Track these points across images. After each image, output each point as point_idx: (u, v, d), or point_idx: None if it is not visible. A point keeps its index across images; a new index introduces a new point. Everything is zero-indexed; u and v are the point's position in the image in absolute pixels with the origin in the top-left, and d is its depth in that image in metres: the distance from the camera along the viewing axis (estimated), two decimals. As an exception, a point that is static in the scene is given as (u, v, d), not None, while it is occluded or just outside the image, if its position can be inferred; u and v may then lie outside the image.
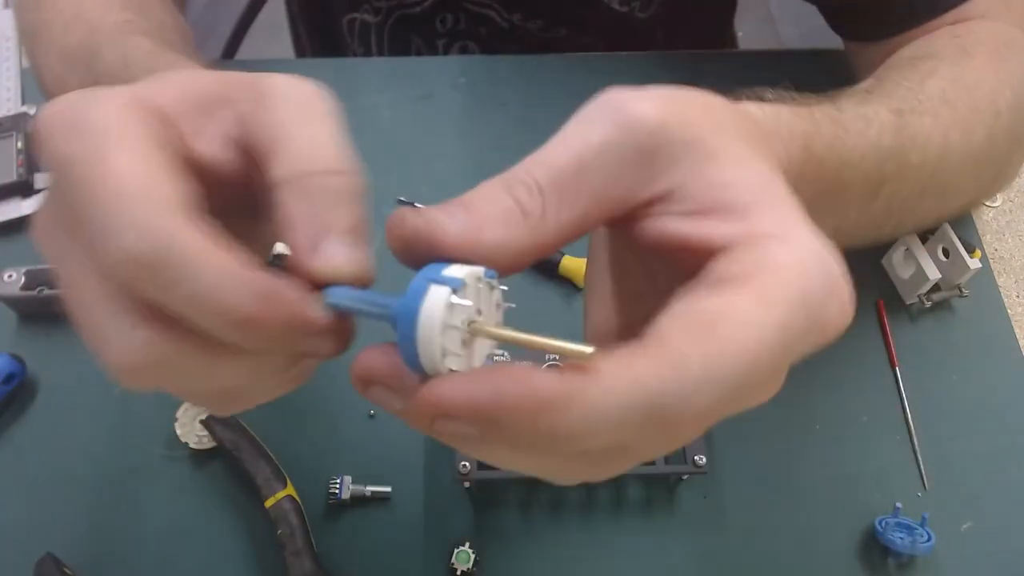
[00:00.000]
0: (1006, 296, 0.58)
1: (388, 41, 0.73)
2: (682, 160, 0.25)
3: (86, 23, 0.45)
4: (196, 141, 0.25)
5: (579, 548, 0.48)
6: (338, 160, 0.25)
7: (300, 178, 0.24)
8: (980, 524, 0.49)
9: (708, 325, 0.22)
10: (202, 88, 0.26)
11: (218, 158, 0.26)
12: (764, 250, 0.23)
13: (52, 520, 0.48)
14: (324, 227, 0.24)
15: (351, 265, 0.24)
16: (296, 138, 0.25)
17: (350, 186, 0.25)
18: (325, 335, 0.24)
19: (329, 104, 0.27)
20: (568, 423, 0.21)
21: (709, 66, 0.68)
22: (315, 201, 0.24)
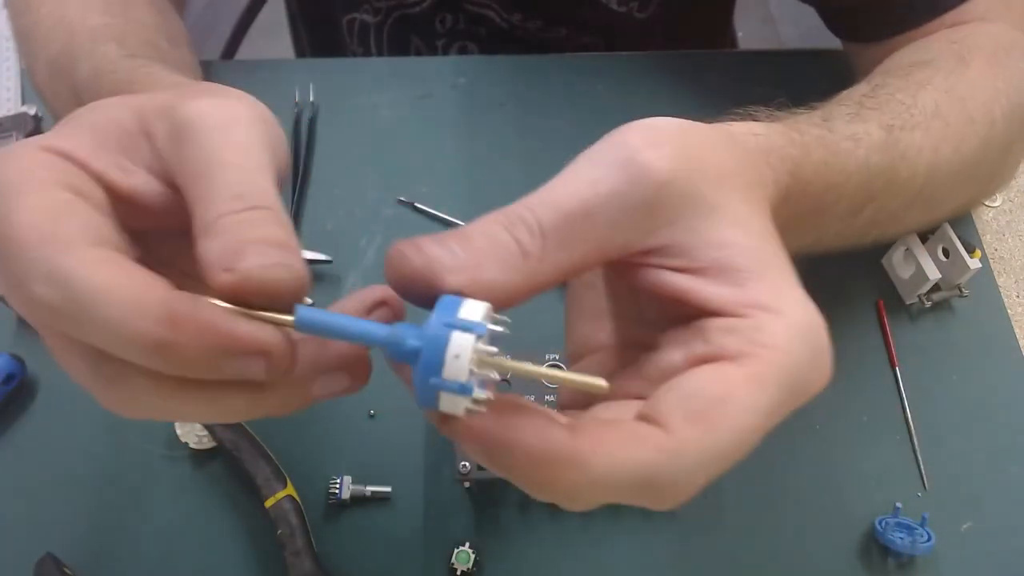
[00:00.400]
0: (1006, 296, 0.58)
1: (388, 41, 0.73)
2: (683, 215, 0.26)
3: (66, 29, 0.45)
4: (117, 176, 0.25)
5: (579, 548, 0.48)
6: (253, 196, 0.24)
7: (214, 222, 0.23)
8: (980, 524, 0.49)
9: (707, 411, 0.24)
10: (118, 124, 0.26)
11: (141, 190, 0.26)
12: (758, 326, 0.25)
13: (52, 520, 0.48)
14: (240, 245, 0.23)
15: (272, 270, 0.23)
16: (208, 178, 0.24)
17: (266, 217, 0.24)
18: (262, 355, 0.22)
19: (251, 123, 0.26)
20: (566, 481, 0.23)
21: (709, 66, 0.68)
22: (228, 234, 0.23)
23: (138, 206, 0.26)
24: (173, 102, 0.26)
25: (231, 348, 0.22)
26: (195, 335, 0.22)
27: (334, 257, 0.56)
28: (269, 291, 0.23)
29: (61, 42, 0.45)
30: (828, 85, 0.70)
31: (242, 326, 0.22)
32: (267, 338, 0.22)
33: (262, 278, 0.22)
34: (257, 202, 0.24)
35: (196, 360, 0.22)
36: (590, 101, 0.66)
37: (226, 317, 0.22)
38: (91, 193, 0.25)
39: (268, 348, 0.22)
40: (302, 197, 0.60)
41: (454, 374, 0.23)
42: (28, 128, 0.61)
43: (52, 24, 0.46)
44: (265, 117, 0.28)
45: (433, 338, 0.23)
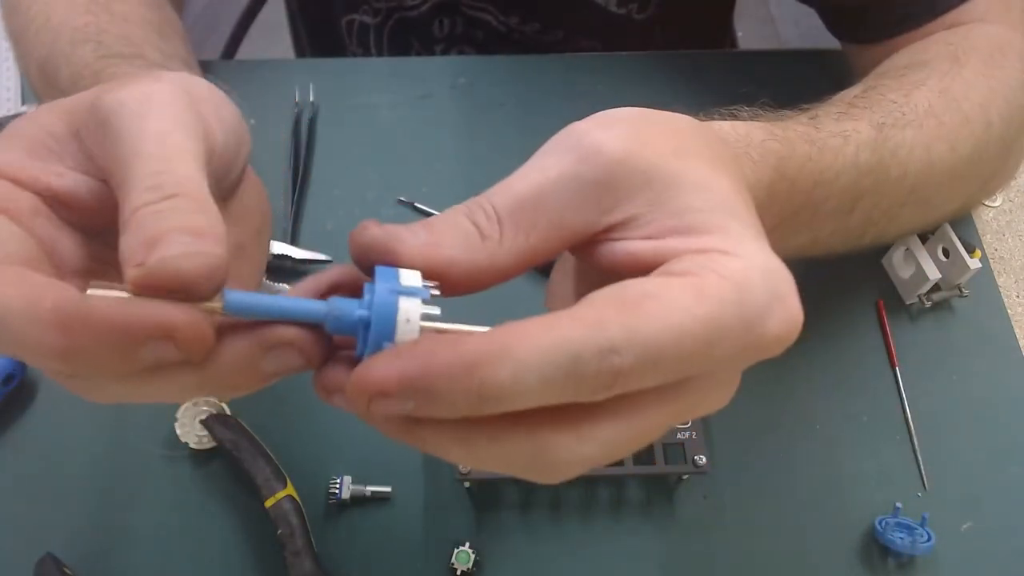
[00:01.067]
0: (1006, 296, 0.58)
1: (388, 43, 0.73)
2: (642, 190, 0.25)
3: (52, 31, 0.45)
4: (49, 181, 0.26)
5: (579, 548, 0.48)
6: (169, 185, 0.23)
7: (131, 216, 0.23)
8: (980, 524, 0.49)
9: (635, 300, 0.23)
10: (47, 130, 0.26)
11: (76, 191, 0.26)
12: (710, 258, 0.24)
13: (52, 520, 0.48)
14: (155, 237, 0.22)
15: (190, 259, 0.22)
16: (127, 171, 0.24)
17: (181, 205, 0.23)
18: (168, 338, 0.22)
19: (170, 105, 0.25)
20: (497, 378, 0.21)
21: (709, 66, 0.68)
22: (141, 227, 0.23)
23: (77, 207, 0.26)
24: (97, 96, 0.26)
25: (131, 339, 0.21)
26: (91, 336, 0.21)
27: (334, 257, 0.56)
28: (180, 281, 0.22)
29: (47, 46, 0.45)
30: (828, 85, 0.70)
31: (134, 315, 0.21)
32: (167, 319, 0.22)
33: (168, 268, 0.22)
34: (173, 190, 0.23)
35: (103, 358, 0.22)
36: (590, 101, 0.66)
37: (117, 310, 0.21)
38: (15, 203, 0.25)
39: (170, 330, 0.22)
40: (302, 197, 0.60)
41: (406, 336, 0.23)
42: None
43: (39, 26, 0.46)
44: (199, 97, 0.27)
45: (382, 304, 0.23)
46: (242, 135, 0.29)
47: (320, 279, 0.26)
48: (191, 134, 0.25)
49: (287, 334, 0.24)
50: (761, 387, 0.53)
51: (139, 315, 0.21)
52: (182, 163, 0.24)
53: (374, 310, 0.23)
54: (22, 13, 0.47)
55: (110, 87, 0.26)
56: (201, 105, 0.27)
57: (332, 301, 0.24)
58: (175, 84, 0.26)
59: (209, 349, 0.23)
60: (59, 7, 0.46)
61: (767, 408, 0.53)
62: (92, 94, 0.26)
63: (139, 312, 0.21)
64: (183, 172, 0.24)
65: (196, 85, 0.28)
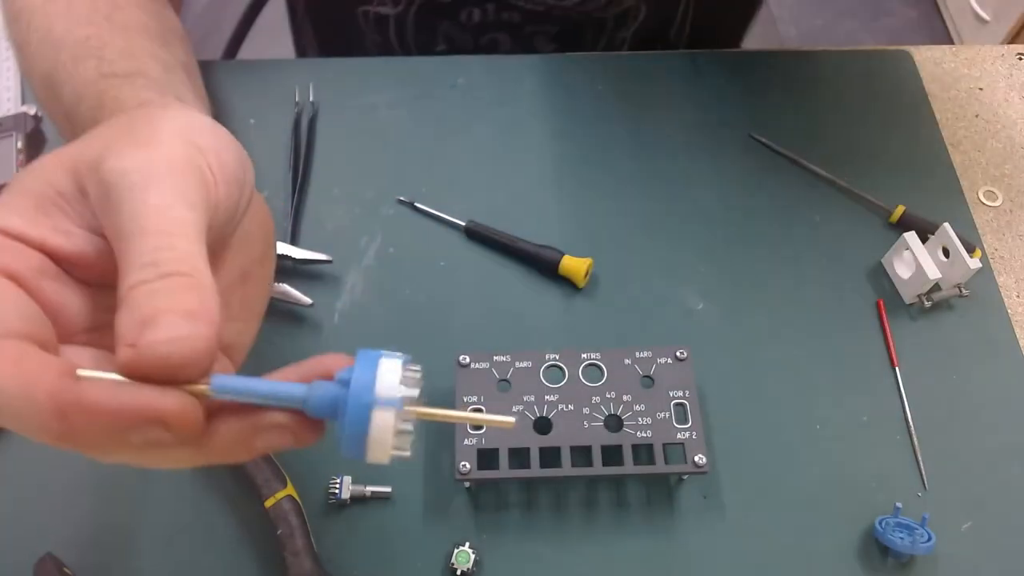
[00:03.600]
0: (1006, 296, 0.58)
1: (413, 30, 0.72)
2: None
3: (53, 45, 0.44)
4: (57, 241, 0.26)
5: (579, 548, 0.48)
6: (168, 262, 0.24)
7: (127, 293, 0.23)
8: (980, 524, 0.49)
9: None
10: (54, 187, 0.26)
11: (82, 251, 0.26)
12: None
13: (52, 520, 0.48)
14: (148, 318, 0.23)
15: (178, 344, 0.23)
16: (127, 246, 0.24)
17: (178, 285, 0.23)
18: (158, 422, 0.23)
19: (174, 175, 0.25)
20: None
21: (709, 66, 0.68)
22: (136, 306, 0.23)
23: (86, 265, 0.26)
24: (100, 156, 0.26)
25: (123, 424, 0.22)
26: (86, 421, 0.22)
27: (334, 257, 0.56)
28: (167, 367, 0.23)
29: (49, 61, 0.44)
30: (828, 85, 0.71)
31: (126, 402, 0.22)
32: (159, 406, 0.22)
33: (157, 354, 0.22)
34: (172, 269, 0.24)
35: (98, 440, 0.23)
36: (590, 101, 0.66)
37: (111, 396, 0.22)
38: (22, 265, 0.25)
39: (162, 415, 0.22)
40: (302, 197, 0.60)
41: (380, 432, 0.24)
42: (28, 128, 0.61)
43: (40, 38, 0.45)
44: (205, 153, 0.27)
45: (358, 398, 0.24)
46: (244, 177, 0.29)
47: (305, 367, 0.26)
48: (192, 204, 0.25)
49: (278, 418, 0.25)
50: (761, 387, 0.54)
51: (130, 402, 0.22)
52: (182, 238, 0.24)
53: (348, 404, 0.24)
54: (23, 24, 0.47)
55: (112, 144, 0.26)
56: (204, 158, 0.27)
57: (313, 386, 0.25)
58: (180, 142, 0.26)
59: (198, 432, 0.24)
60: (59, 19, 0.45)
61: (767, 408, 0.53)
62: (95, 151, 0.26)
63: (129, 399, 0.22)
64: (182, 248, 0.24)
65: (199, 134, 0.28)
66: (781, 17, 1.98)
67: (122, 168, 0.25)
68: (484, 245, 0.59)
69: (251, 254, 0.32)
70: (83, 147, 0.27)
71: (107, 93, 0.40)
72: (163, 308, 0.23)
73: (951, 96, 0.68)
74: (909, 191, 0.61)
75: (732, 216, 0.60)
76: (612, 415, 0.48)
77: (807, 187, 0.62)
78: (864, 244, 0.59)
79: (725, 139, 0.64)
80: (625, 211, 0.61)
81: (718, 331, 0.55)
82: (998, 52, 0.71)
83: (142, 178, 0.25)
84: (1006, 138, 0.66)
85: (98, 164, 0.25)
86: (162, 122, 0.27)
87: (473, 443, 0.47)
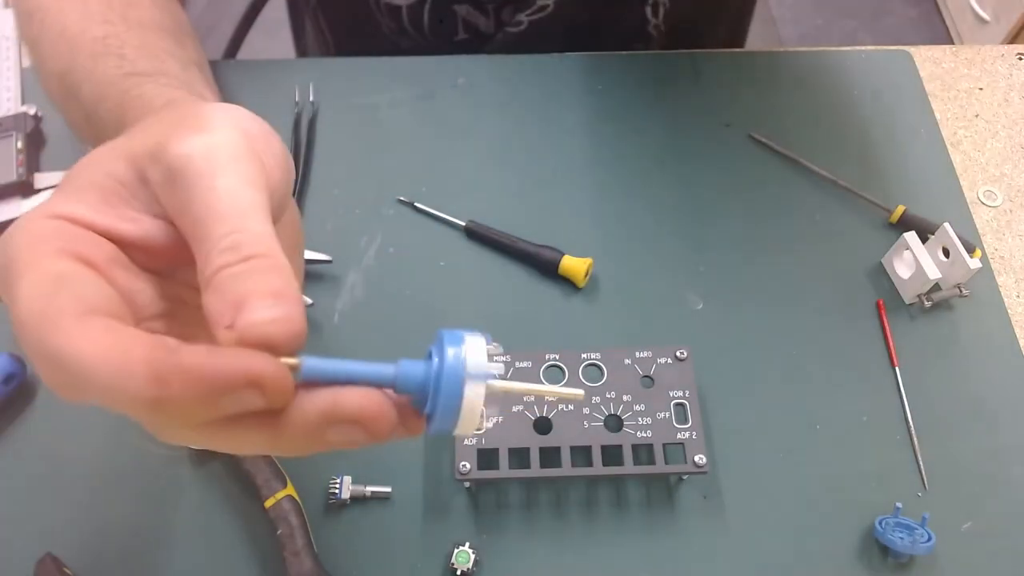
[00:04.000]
0: (1006, 296, 0.58)
1: (428, 15, 0.71)
2: None
3: (68, 43, 0.45)
4: (125, 228, 0.26)
5: (579, 548, 0.48)
6: (248, 245, 0.24)
7: (212, 276, 0.24)
8: (980, 524, 0.49)
9: None
10: (115, 176, 0.27)
11: (151, 235, 0.27)
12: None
13: (52, 520, 0.48)
14: (240, 300, 0.24)
15: (276, 324, 0.23)
16: (204, 230, 0.25)
17: (262, 266, 0.24)
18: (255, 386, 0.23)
19: (239, 160, 0.26)
20: None
21: (709, 66, 0.68)
22: (225, 289, 0.24)
23: (152, 251, 0.27)
24: (160, 144, 0.26)
25: (220, 388, 0.22)
26: (182, 387, 0.22)
27: (334, 257, 0.56)
28: (268, 346, 0.23)
29: (65, 59, 0.44)
30: (828, 85, 0.71)
31: (224, 365, 0.22)
32: (257, 368, 0.23)
33: (258, 334, 0.23)
34: (252, 251, 0.24)
35: (193, 407, 0.23)
36: (590, 101, 0.66)
37: (208, 361, 0.22)
38: (95, 253, 0.25)
39: (259, 379, 0.23)
40: (302, 197, 0.60)
41: (472, 401, 0.25)
42: (28, 128, 0.61)
43: (55, 36, 0.45)
44: (254, 136, 0.27)
45: (452, 368, 0.25)
46: (289, 165, 0.30)
47: None
48: (257, 186, 0.26)
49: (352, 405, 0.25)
50: (761, 387, 0.54)
51: (227, 364, 0.22)
52: (255, 221, 0.25)
53: (443, 375, 0.25)
54: (37, 22, 0.47)
55: (168, 131, 0.26)
56: (257, 145, 0.27)
57: (401, 363, 0.25)
58: (234, 129, 0.27)
59: (290, 399, 0.24)
60: (73, 16, 0.45)
61: (767, 408, 0.53)
62: (151, 140, 0.26)
63: (227, 362, 0.22)
64: (257, 230, 0.25)
65: (247, 122, 0.28)
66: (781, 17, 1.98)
67: (187, 153, 0.25)
68: (484, 245, 0.59)
69: (288, 243, 0.32)
70: (136, 138, 0.27)
71: (130, 92, 0.40)
72: (252, 291, 0.23)
73: (951, 96, 0.68)
74: (909, 191, 0.61)
75: (732, 216, 0.60)
76: (612, 415, 0.48)
77: (807, 187, 0.62)
78: (864, 244, 0.59)
79: (725, 139, 0.64)
80: (625, 211, 0.61)
81: (718, 331, 0.55)
82: (998, 52, 0.71)
83: (208, 162, 0.25)
84: (1006, 138, 0.66)
85: (159, 152, 0.26)
86: (211, 112, 0.28)
87: (473, 443, 0.47)
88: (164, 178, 0.26)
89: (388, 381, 0.25)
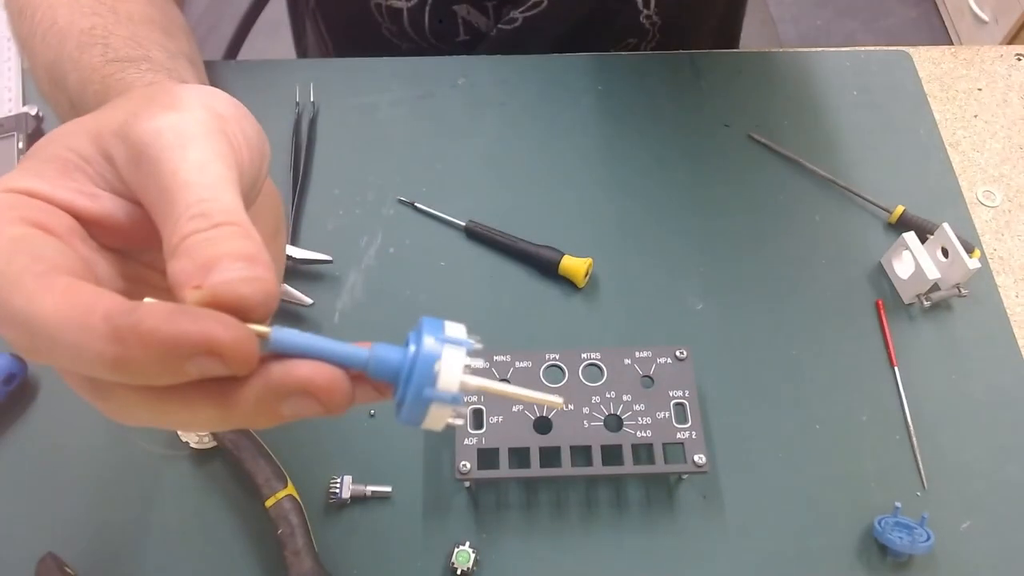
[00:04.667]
0: (1005, 296, 0.58)
1: (429, 16, 0.71)
2: None
3: (58, 35, 0.45)
4: (84, 203, 0.26)
5: (579, 547, 0.48)
6: (217, 213, 0.24)
7: (180, 243, 0.23)
8: (979, 523, 0.49)
9: None
10: (77, 152, 0.26)
11: (110, 213, 0.26)
12: None
13: (53, 520, 0.48)
14: (211, 262, 0.23)
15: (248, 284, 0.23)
16: (170, 200, 0.24)
17: (233, 232, 0.24)
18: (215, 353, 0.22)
19: (207, 136, 0.26)
20: None
21: (709, 66, 0.68)
22: (195, 253, 0.23)
23: (111, 227, 0.26)
24: (128, 122, 0.26)
25: (181, 350, 0.22)
26: (142, 345, 0.22)
27: (334, 257, 0.56)
28: (237, 306, 0.23)
29: (54, 51, 0.45)
30: (828, 85, 0.71)
31: (188, 325, 0.22)
32: (218, 334, 0.22)
33: (230, 292, 0.23)
34: (223, 219, 0.24)
35: (153, 367, 0.22)
36: (590, 101, 0.66)
37: (168, 321, 0.22)
38: (54, 223, 0.25)
39: (220, 344, 0.22)
40: (302, 197, 0.60)
41: (447, 385, 0.24)
42: (29, 128, 0.61)
43: (45, 30, 0.46)
44: (225, 117, 0.27)
45: (427, 353, 0.24)
46: (263, 149, 0.29)
47: None
48: (228, 163, 0.26)
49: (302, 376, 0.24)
50: (761, 387, 0.54)
51: (188, 328, 0.22)
52: (226, 192, 0.25)
53: (419, 358, 0.24)
54: (27, 18, 0.47)
55: (138, 109, 0.26)
56: (228, 125, 0.27)
57: (376, 347, 0.25)
58: (204, 108, 0.26)
59: (252, 367, 0.23)
60: (63, 10, 0.46)
61: (767, 408, 0.53)
62: (120, 117, 0.26)
63: (188, 326, 0.22)
64: (227, 200, 0.24)
65: (220, 103, 0.28)
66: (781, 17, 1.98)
67: (156, 128, 0.25)
68: (484, 245, 0.59)
69: (265, 229, 0.32)
70: (104, 115, 0.27)
71: (113, 76, 0.41)
72: (223, 254, 0.23)
73: (950, 96, 0.68)
74: (908, 191, 0.62)
75: (732, 216, 0.61)
76: (612, 415, 0.48)
77: (807, 187, 0.62)
78: (863, 244, 0.59)
79: (725, 139, 0.64)
80: (625, 211, 0.61)
81: (718, 331, 0.56)
82: (997, 52, 0.71)
83: (177, 136, 0.25)
84: (1005, 138, 0.66)
85: (126, 128, 0.26)
86: (182, 91, 0.27)
87: (473, 443, 0.47)
88: (130, 154, 0.25)
89: (361, 364, 0.24)
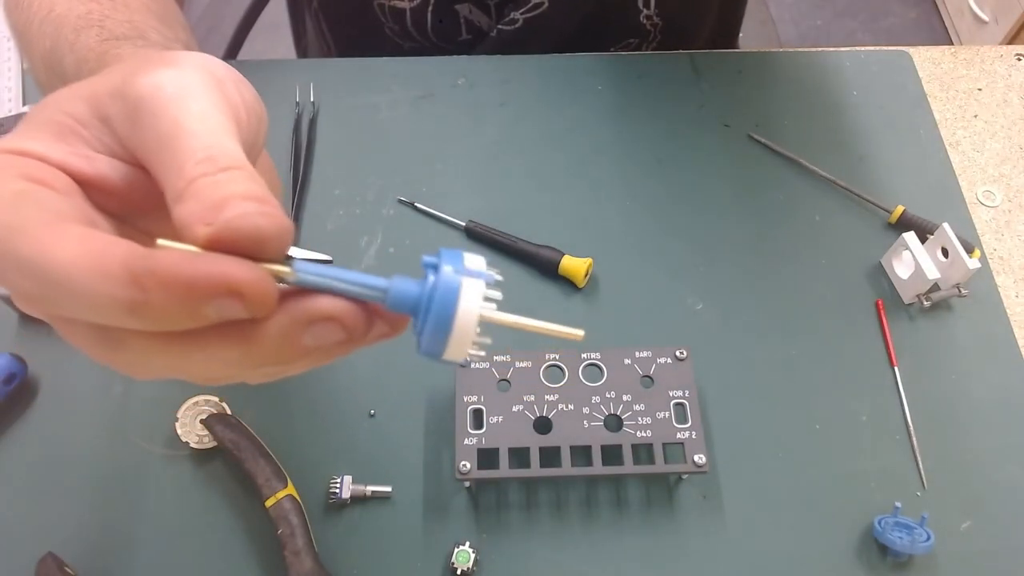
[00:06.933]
0: (1005, 296, 0.58)
1: (432, 15, 0.71)
2: None
3: (54, 22, 0.45)
4: (79, 164, 0.25)
5: (579, 548, 0.48)
6: (223, 158, 0.24)
7: (187, 187, 0.23)
8: (979, 523, 0.49)
9: None
10: (72, 115, 0.26)
11: (106, 174, 0.26)
12: None
13: (53, 519, 0.48)
14: (221, 202, 0.23)
15: (253, 218, 0.22)
16: (174, 148, 0.24)
17: (241, 176, 0.24)
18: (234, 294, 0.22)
19: (206, 89, 0.26)
20: None
21: (709, 66, 0.68)
22: (204, 194, 0.23)
23: (107, 190, 0.26)
24: (125, 80, 0.26)
25: (200, 293, 0.21)
26: (161, 288, 0.21)
27: (334, 257, 0.56)
28: (252, 239, 0.22)
29: (51, 38, 0.45)
30: (828, 85, 0.71)
31: (203, 268, 0.21)
32: (236, 274, 0.22)
33: (242, 226, 0.22)
34: (229, 163, 0.24)
35: (172, 311, 0.22)
36: (590, 101, 0.66)
37: (186, 263, 0.21)
38: (53, 180, 0.25)
39: (239, 284, 0.22)
40: (302, 197, 0.60)
41: (466, 317, 0.24)
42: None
43: (42, 19, 0.46)
44: (222, 78, 0.27)
45: (446, 283, 0.24)
46: (261, 114, 0.29)
47: None
48: (227, 116, 0.26)
49: (327, 307, 0.24)
50: (761, 387, 0.54)
51: (207, 270, 0.22)
52: (229, 141, 0.24)
53: (438, 287, 0.23)
54: (24, 8, 0.47)
55: (135, 68, 0.26)
56: (225, 87, 0.27)
57: (395, 279, 0.24)
58: (202, 69, 0.26)
59: (272, 306, 0.23)
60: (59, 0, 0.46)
61: (767, 408, 0.53)
62: (116, 79, 0.26)
63: (206, 267, 0.22)
64: (232, 148, 0.24)
65: (217, 67, 0.28)
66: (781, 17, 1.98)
67: (156, 82, 0.25)
68: (484, 245, 0.59)
69: None
70: (99, 79, 0.27)
71: (108, 53, 0.41)
72: (233, 194, 0.23)
73: (950, 96, 0.68)
74: (908, 191, 0.62)
75: (732, 216, 0.61)
76: (612, 415, 0.48)
77: (807, 187, 0.62)
78: (863, 244, 0.59)
79: (725, 139, 0.64)
80: (625, 211, 0.61)
81: (718, 331, 0.56)
82: (997, 53, 0.71)
83: (178, 88, 0.25)
84: (1005, 138, 0.66)
85: (123, 86, 0.25)
86: (179, 54, 0.27)
87: (473, 443, 0.47)
88: (128, 110, 0.25)
89: (380, 292, 0.24)
